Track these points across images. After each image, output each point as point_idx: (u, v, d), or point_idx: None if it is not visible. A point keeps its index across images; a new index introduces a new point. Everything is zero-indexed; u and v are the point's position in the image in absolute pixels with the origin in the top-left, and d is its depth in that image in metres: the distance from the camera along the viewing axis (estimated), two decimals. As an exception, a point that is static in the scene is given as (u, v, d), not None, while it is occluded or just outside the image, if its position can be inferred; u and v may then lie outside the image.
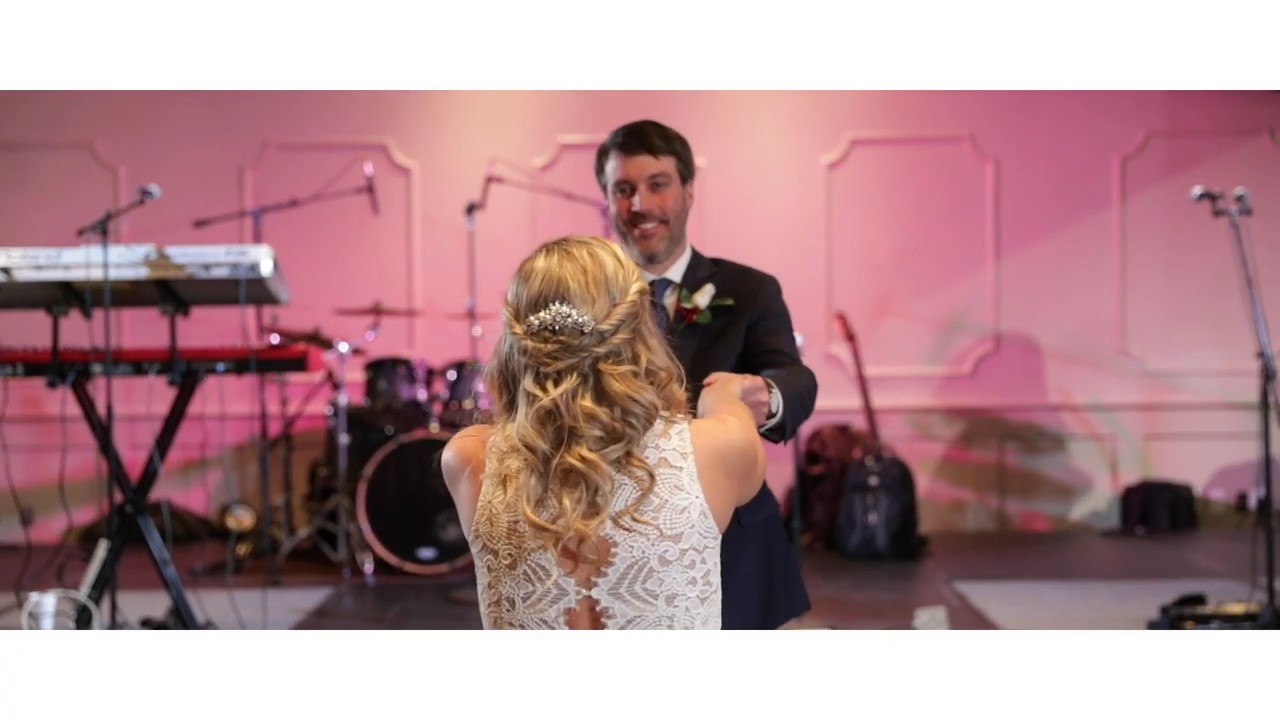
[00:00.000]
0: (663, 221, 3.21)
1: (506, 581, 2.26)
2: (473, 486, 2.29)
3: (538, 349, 2.22)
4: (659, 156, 3.21)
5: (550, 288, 2.24)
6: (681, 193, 3.25)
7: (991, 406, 9.16)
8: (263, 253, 5.45)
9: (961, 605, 6.73)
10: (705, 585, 2.27)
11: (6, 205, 8.85)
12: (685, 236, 3.30)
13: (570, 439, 2.19)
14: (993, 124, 9.10)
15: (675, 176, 3.22)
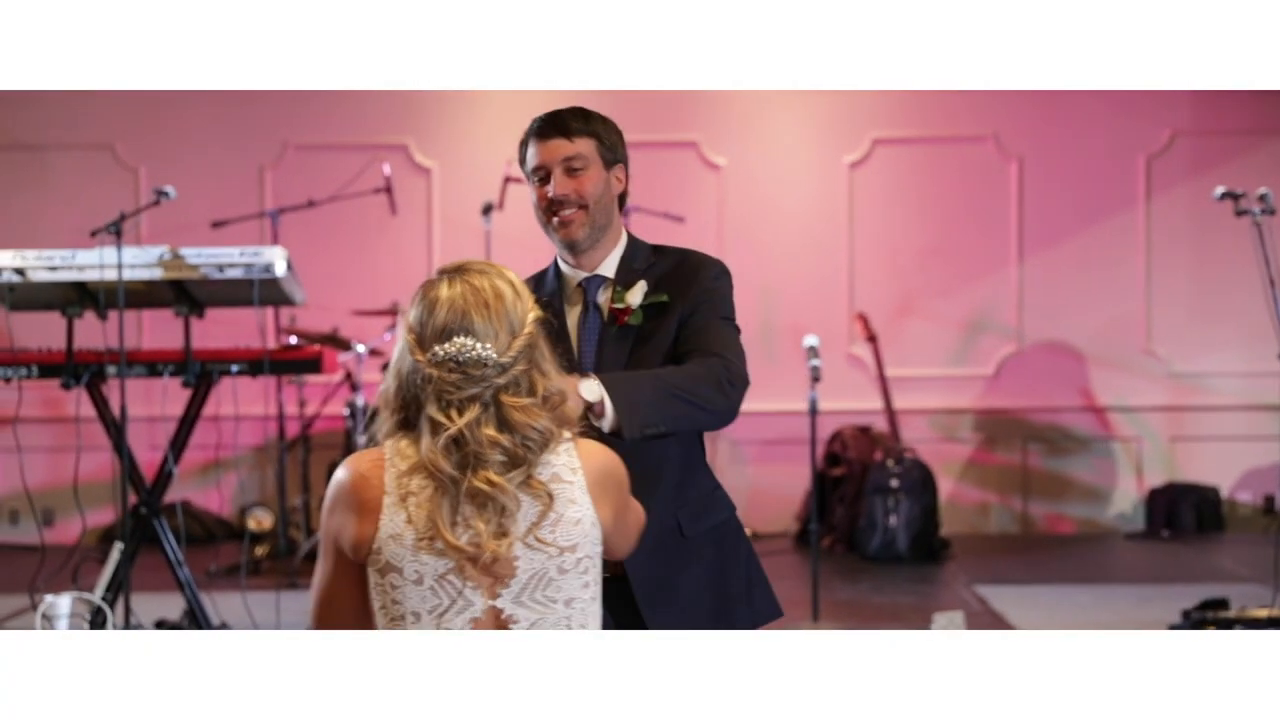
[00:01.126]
0: (581, 206, 3.00)
1: (412, 597, 2.35)
2: (372, 509, 2.36)
3: (442, 378, 2.32)
4: (574, 139, 3.01)
5: (455, 320, 2.34)
6: (604, 176, 3.04)
7: (1015, 408, 9.09)
8: (277, 254, 5.43)
9: (982, 609, 6.68)
10: (595, 586, 2.42)
11: (28, 206, 8.86)
12: (617, 225, 3.10)
13: (476, 463, 2.31)
14: (1016, 123, 9.03)
15: (595, 159, 3.03)
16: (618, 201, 3.10)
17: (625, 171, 3.12)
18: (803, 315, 8.83)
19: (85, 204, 8.32)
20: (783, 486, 8.83)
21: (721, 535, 3.04)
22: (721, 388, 2.85)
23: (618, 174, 3.09)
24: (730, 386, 2.86)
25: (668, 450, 2.93)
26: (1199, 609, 6.02)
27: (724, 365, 2.87)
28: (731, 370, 2.89)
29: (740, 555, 3.07)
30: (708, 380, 2.84)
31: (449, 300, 2.36)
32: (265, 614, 5.98)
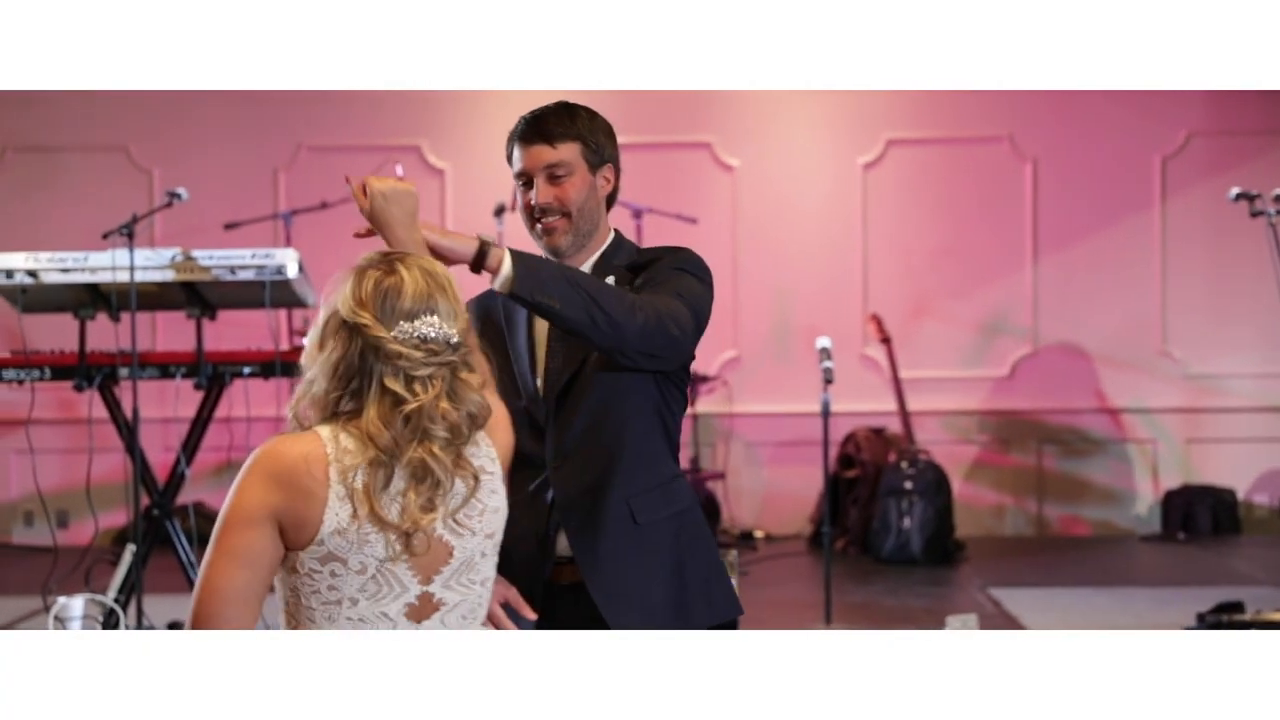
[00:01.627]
0: (564, 215, 2.92)
1: (352, 585, 2.42)
2: (317, 499, 2.40)
3: (409, 355, 2.42)
4: (557, 145, 2.91)
5: (421, 302, 2.47)
6: (589, 181, 2.94)
7: (1030, 410, 9.05)
8: (288, 255, 5.43)
9: (997, 611, 6.65)
10: (495, 566, 2.58)
11: (42, 208, 8.88)
12: (604, 226, 3.02)
13: (422, 437, 2.41)
14: (1031, 124, 9.00)
15: (579, 165, 2.93)
16: (606, 201, 3.02)
17: (615, 170, 3.01)
18: (816, 316, 8.81)
19: (99, 206, 8.32)
20: (796, 488, 8.81)
21: (680, 526, 2.96)
22: (632, 311, 2.71)
23: (605, 174, 2.99)
24: (638, 313, 2.72)
25: (623, 434, 2.90)
26: (1214, 612, 5.99)
27: (646, 300, 2.76)
28: (651, 305, 2.75)
29: (700, 549, 3.00)
30: (621, 299, 2.72)
31: (414, 283, 2.49)
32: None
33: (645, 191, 8.32)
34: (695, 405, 8.51)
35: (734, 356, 9.05)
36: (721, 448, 8.99)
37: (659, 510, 2.93)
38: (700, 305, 2.86)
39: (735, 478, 8.92)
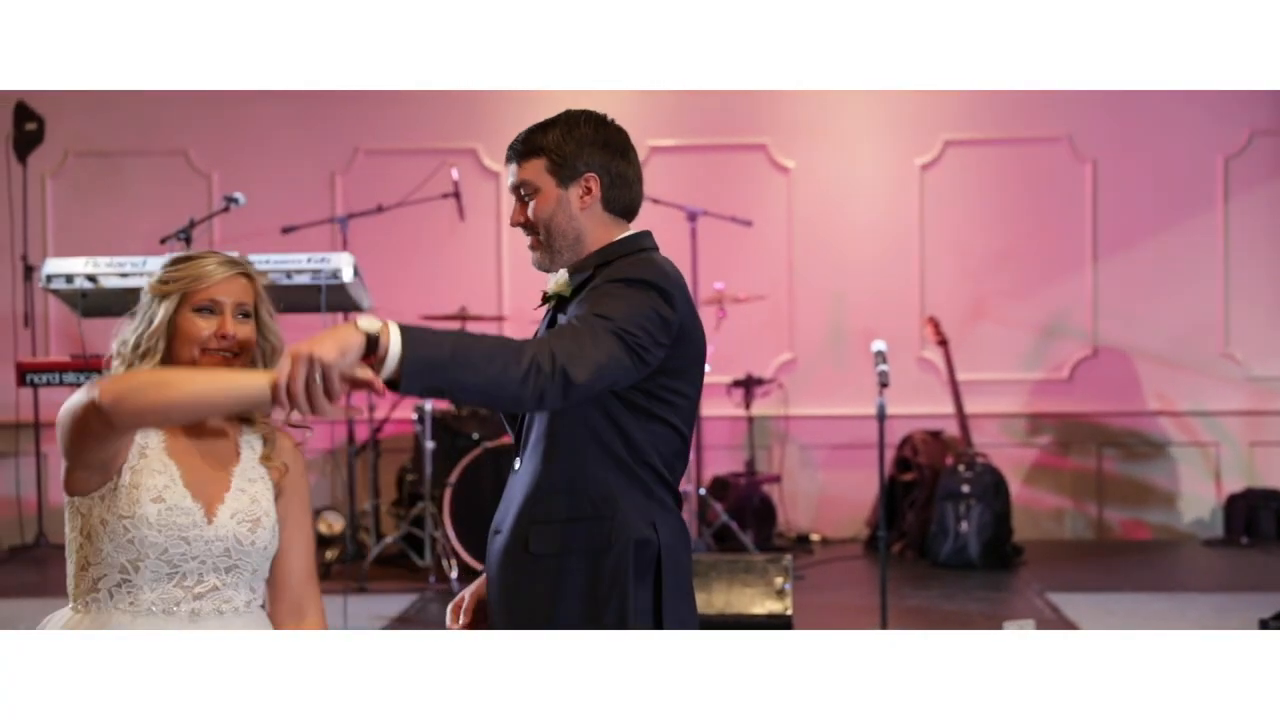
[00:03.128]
0: (533, 233, 2.87)
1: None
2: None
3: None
4: (521, 163, 2.85)
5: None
6: (557, 196, 2.83)
7: (1090, 412, 8.97)
8: (344, 260, 5.46)
9: (1055, 617, 6.58)
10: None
11: (103, 213, 8.97)
12: (595, 236, 2.86)
13: None
14: (1091, 124, 8.92)
15: (544, 181, 2.84)
16: (606, 208, 2.87)
17: (602, 178, 2.85)
18: (873, 319, 8.76)
19: (159, 209, 8.40)
20: (852, 491, 8.77)
21: (595, 567, 2.73)
22: (528, 373, 2.49)
23: (584, 185, 2.85)
24: (537, 373, 2.50)
25: (546, 458, 2.78)
26: (1277, 618, 5.90)
27: (548, 351, 2.53)
28: (548, 355, 2.52)
29: (636, 597, 2.74)
30: (514, 360, 2.50)
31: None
32: (333, 617, 6.01)
33: (700, 194, 8.30)
34: (751, 408, 8.48)
35: (790, 359, 9.02)
36: (777, 450, 8.96)
37: (555, 543, 2.75)
38: (633, 319, 2.65)
39: (791, 481, 8.89)
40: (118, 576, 2.67)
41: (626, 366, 2.64)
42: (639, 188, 2.93)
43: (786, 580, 6.13)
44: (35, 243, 8.83)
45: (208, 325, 2.74)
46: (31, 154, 8.71)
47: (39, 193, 9.02)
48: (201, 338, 2.73)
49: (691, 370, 2.83)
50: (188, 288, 2.74)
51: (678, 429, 2.82)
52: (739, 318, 8.40)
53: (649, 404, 2.77)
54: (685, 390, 2.82)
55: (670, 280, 2.77)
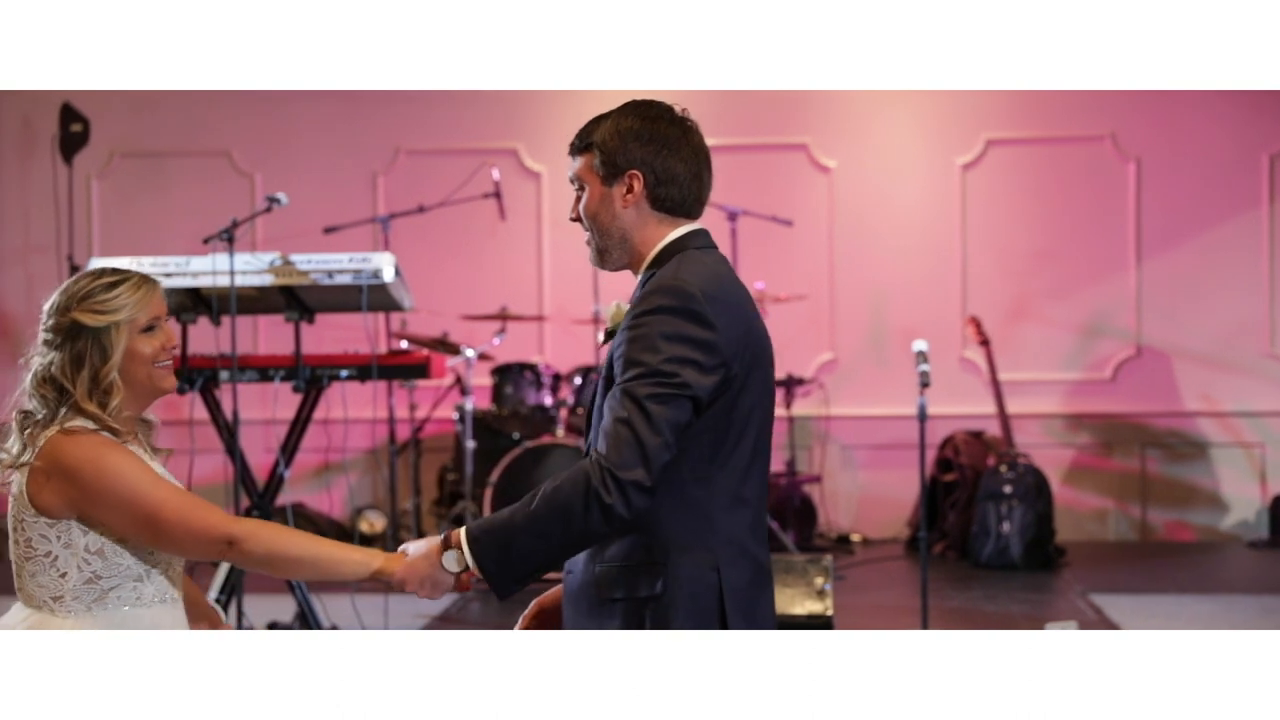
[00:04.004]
0: (587, 229, 2.79)
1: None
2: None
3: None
4: (575, 158, 2.79)
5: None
6: (602, 193, 2.75)
7: (1133, 413, 8.91)
8: (385, 259, 5.47)
9: (1098, 618, 6.55)
10: (28, 549, 2.81)
11: (147, 213, 9.03)
12: (642, 236, 2.76)
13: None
14: (1134, 122, 8.85)
15: (591, 177, 2.76)
16: (652, 207, 2.76)
17: (646, 175, 2.73)
18: (914, 318, 8.73)
19: (202, 210, 8.45)
20: (893, 492, 8.74)
21: (631, 612, 2.64)
22: (590, 508, 2.49)
23: (627, 183, 2.74)
24: (603, 496, 2.48)
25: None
26: (1324, 621, 5.85)
27: (601, 470, 2.50)
28: (606, 477, 2.49)
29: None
30: (574, 506, 2.50)
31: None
32: (374, 616, 6.04)
33: (741, 194, 8.29)
34: (791, 408, 8.47)
35: (830, 359, 9.00)
36: (818, 450, 8.94)
37: (619, 587, 2.64)
38: (668, 360, 2.55)
39: (831, 481, 8.87)
40: (131, 584, 2.80)
41: (683, 414, 2.55)
42: (695, 185, 2.78)
43: (827, 581, 6.11)
44: (81, 243, 8.90)
45: (154, 342, 2.84)
46: (77, 155, 8.77)
47: (84, 193, 9.10)
48: (153, 355, 2.84)
49: (750, 378, 2.66)
50: (134, 314, 2.81)
51: (744, 444, 2.66)
52: (780, 317, 8.38)
53: (711, 422, 2.62)
54: (745, 402, 2.65)
55: (700, 293, 2.61)
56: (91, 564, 2.77)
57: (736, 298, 2.69)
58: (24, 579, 2.80)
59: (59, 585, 2.77)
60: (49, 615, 2.77)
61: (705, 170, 2.82)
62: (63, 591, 2.77)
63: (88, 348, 2.78)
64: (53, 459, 2.74)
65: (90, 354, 2.78)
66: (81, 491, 2.73)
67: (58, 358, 2.80)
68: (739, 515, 2.66)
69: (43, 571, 2.77)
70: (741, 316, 2.67)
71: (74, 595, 2.77)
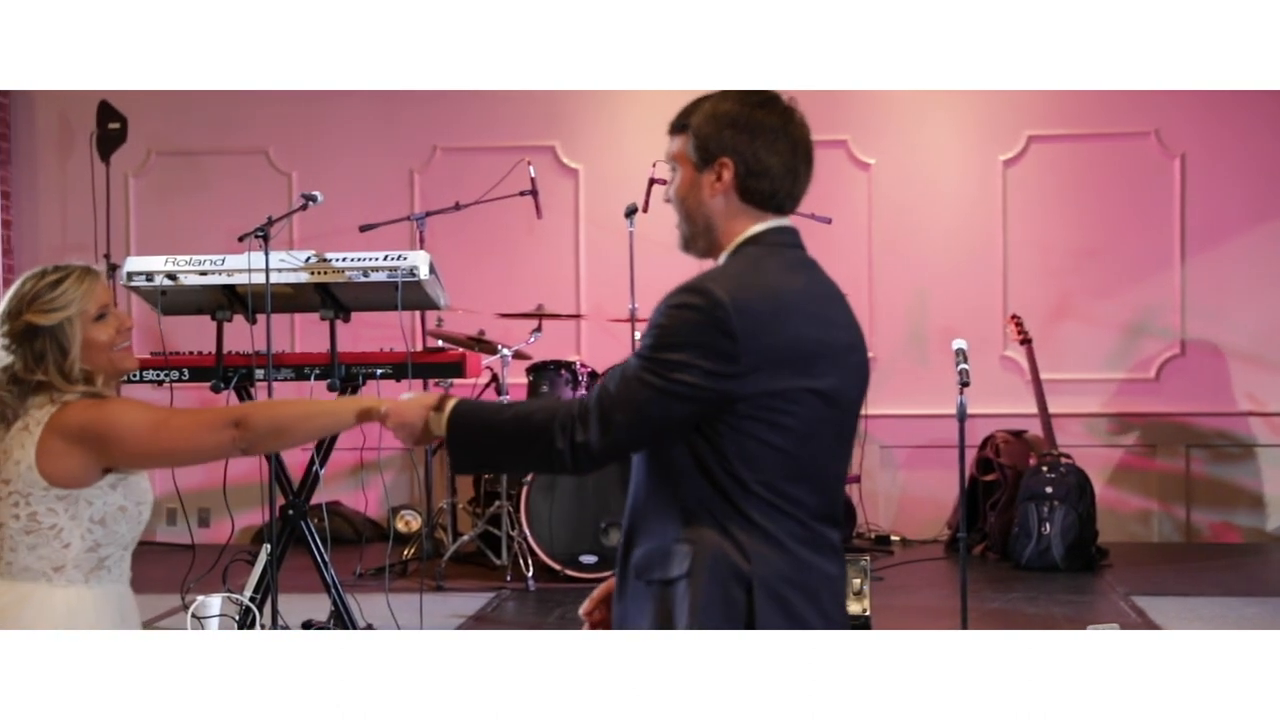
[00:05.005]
0: (677, 213, 2.71)
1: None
2: None
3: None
4: (672, 135, 2.69)
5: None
6: (691, 178, 2.66)
7: (1177, 413, 8.80)
8: (420, 257, 5.45)
9: (1141, 621, 6.46)
10: (31, 522, 2.93)
11: (183, 211, 9.05)
12: (725, 228, 2.69)
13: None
14: (1179, 118, 8.74)
15: (684, 160, 2.67)
16: (741, 199, 2.67)
17: (738, 165, 2.64)
18: (955, 317, 8.65)
19: (239, 208, 8.45)
20: (934, 492, 8.66)
21: (663, 594, 2.59)
22: (541, 443, 2.59)
23: (719, 170, 2.64)
24: (556, 440, 2.56)
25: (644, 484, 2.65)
26: (1374, 626, 5.75)
27: (570, 418, 2.57)
28: (569, 427, 2.56)
29: (702, 625, 2.56)
30: (535, 436, 2.60)
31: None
32: (410, 617, 6.01)
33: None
34: (830, 407, 8.39)
35: (869, 358, 8.91)
36: (857, 450, 8.81)
37: (650, 573, 2.61)
38: (672, 353, 2.52)
39: (871, 481, 8.80)
40: (120, 552, 3.02)
41: (671, 410, 2.53)
42: (788, 179, 2.68)
43: (865, 581, 6.06)
44: (118, 241, 8.92)
45: (108, 329, 3.02)
46: (115, 153, 8.79)
47: (122, 191, 9.12)
48: (109, 341, 3.01)
49: (794, 386, 2.56)
50: (83, 305, 2.98)
51: (784, 449, 2.56)
52: (818, 316, 8.32)
53: (747, 425, 2.54)
54: (789, 409, 2.55)
55: (728, 300, 2.52)
56: (94, 533, 2.94)
57: (786, 310, 2.59)
58: (18, 552, 2.93)
59: (61, 555, 2.93)
60: (45, 586, 2.93)
61: (803, 165, 2.72)
62: (64, 561, 2.93)
63: (46, 346, 2.95)
64: (64, 427, 2.90)
65: (50, 351, 2.94)
66: (102, 442, 2.90)
67: (19, 361, 2.95)
68: (780, 515, 2.57)
69: (45, 543, 2.92)
70: (786, 329, 2.58)
71: (75, 564, 2.93)
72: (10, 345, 2.96)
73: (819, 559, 2.61)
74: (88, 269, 3.03)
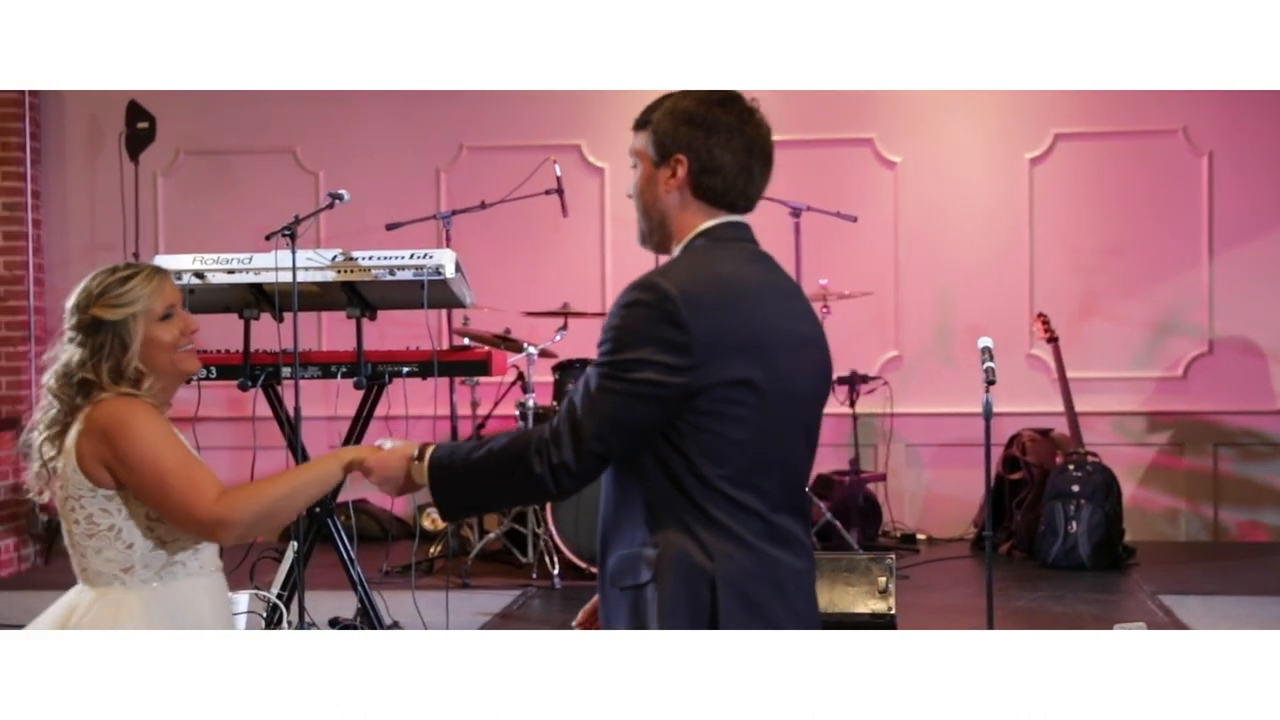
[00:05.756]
0: (635, 207, 2.77)
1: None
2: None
3: None
4: (636, 132, 2.76)
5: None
6: (650, 174, 2.72)
7: (1205, 411, 8.76)
8: (446, 256, 5.47)
9: (1168, 620, 6.44)
10: (90, 525, 2.91)
11: (211, 210, 9.09)
12: (679, 222, 2.73)
13: None
14: (1207, 116, 8.71)
15: (644, 155, 2.73)
16: (694, 195, 2.71)
17: (692, 161, 2.69)
18: (981, 315, 8.64)
19: (266, 207, 8.49)
20: (959, 490, 8.65)
21: (635, 599, 2.62)
22: (518, 473, 2.62)
23: (675, 166, 2.69)
24: (534, 467, 2.59)
25: (610, 488, 2.69)
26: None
27: (543, 442, 2.59)
28: (545, 452, 2.58)
29: (649, 625, 2.60)
30: (512, 468, 2.62)
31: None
32: (435, 613, 6.03)
33: (805, 189, 8.23)
34: (855, 406, 8.39)
35: (895, 356, 8.91)
36: (882, 448, 8.86)
37: (627, 574, 2.64)
38: (628, 354, 2.55)
39: (896, 479, 8.79)
40: (192, 548, 2.94)
41: (634, 412, 2.56)
42: (741, 178, 2.70)
43: (890, 579, 6.05)
44: (146, 239, 8.97)
45: (172, 329, 2.98)
46: (143, 152, 8.84)
47: (150, 190, 9.17)
48: (173, 341, 2.98)
49: (749, 376, 2.57)
50: (149, 304, 2.96)
51: (744, 442, 2.58)
52: (844, 314, 8.32)
53: (707, 420, 2.56)
54: (745, 399, 2.56)
55: (677, 293, 2.55)
56: (155, 530, 2.88)
57: (735, 298, 2.61)
58: (88, 558, 2.89)
59: (127, 556, 2.88)
60: (119, 589, 2.87)
61: (758, 165, 2.73)
62: (131, 561, 2.87)
63: (108, 340, 2.93)
64: (91, 423, 2.88)
65: (111, 346, 2.92)
66: (112, 449, 2.85)
67: (79, 354, 2.93)
68: (741, 512, 2.58)
69: (109, 546, 2.87)
70: (736, 317, 2.59)
71: (143, 563, 2.87)
72: (75, 338, 2.96)
73: (783, 553, 2.63)
74: (157, 268, 3.03)
